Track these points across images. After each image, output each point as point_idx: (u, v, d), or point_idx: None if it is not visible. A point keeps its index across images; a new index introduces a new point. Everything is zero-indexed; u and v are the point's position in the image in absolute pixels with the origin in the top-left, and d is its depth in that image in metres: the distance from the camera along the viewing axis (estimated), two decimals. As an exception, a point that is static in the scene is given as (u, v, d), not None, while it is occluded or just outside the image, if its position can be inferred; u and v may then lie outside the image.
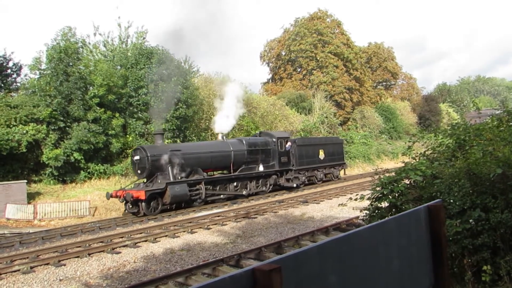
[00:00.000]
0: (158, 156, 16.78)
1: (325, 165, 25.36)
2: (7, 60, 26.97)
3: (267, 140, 21.93)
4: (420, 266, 3.33)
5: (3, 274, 8.81)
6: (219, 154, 19.27)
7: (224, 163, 19.66)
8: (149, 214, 15.74)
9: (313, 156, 24.35)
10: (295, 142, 23.12)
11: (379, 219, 6.04)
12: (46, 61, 22.67)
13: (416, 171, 6.07)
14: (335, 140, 27.84)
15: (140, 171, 16.95)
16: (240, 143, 20.53)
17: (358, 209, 12.72)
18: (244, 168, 20.22)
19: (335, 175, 26.46)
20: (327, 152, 25.46)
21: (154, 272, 8.46)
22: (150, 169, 16.54)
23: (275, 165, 21.73)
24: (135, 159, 17.03)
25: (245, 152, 20.28)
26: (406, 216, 3.25)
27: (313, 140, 26.01)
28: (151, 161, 16.50)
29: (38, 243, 12.01)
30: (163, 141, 18.34)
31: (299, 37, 44.90)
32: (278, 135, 22.52)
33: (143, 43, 29.57)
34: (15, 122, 20.07)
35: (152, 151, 16.92)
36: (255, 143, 21.17)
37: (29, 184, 19.77)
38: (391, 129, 47.83)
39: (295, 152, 22.87)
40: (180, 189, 16.61)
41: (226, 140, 20.96)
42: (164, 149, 17.40)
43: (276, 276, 1.92)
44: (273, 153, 21.80)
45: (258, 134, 23.36)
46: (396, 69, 58.59)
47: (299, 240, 10.27)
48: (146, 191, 15.59)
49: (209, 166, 19.14)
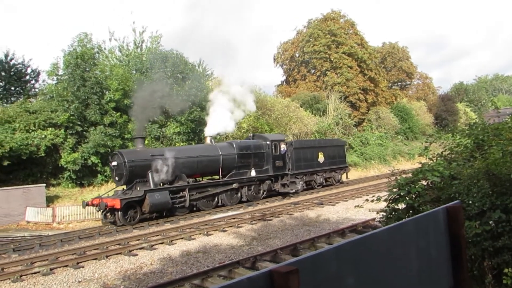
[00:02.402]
0: (137, 162, 15.64)
1: (325, 169, 23.78)
2: (25, 66, 27.66)
3: (260, 143, 20.55)
4: (439, 268, 3.28)
5: (23, 275, 8.99)
6: (206, 158, 18.03)
7: (212, 168, 18.39)
8: (126, 224, 14.63)
9: (312, 160, 22.83)
10: (292, 145, 21.84)
11: (396, 220, 5.96)
12: (64, 67, 23.14)
13: (434, 172, 5.98)
14: (336, 142, 26.35)
15: (118, 178, 15.82)
16: (230, 147, 19.30)
17: (375, 211, 12.62)
18: (235, 173, 18.95)
19: (337, 179, 24.84)
20: (327, 155, 23.95)
21: (170, 274, 8.52)
22: (128, 175, 15.38)
23: (269, 170, 20.37)
24: (112, 165, 15.97)
25: (235, 156, 18.97)
26: (424, 217, 3.21)
27: (311, 143, 24.62)
28: (129, 167, 15.34)
29: (57, 245, 12.21)
30: (144, 146, 17.13)
31: (312, 39, 44.77)
32: (272, 138, 21.17)
33: (158, 47, 29.89)
34: (34, 127, 20.51)
35: (130, 156, 15.69)
36: (246, 147, 19.82)
37: (48, 188, 20.15)
38: (407, 129, 47.30)
39: (291, 156, 21.50)
40: (161, 197, 15.47)
41: (214, 143, 19.80)
42: (144, 154, 16.22)
43: (294, 278, 1.91)
44: (267, 157, 20.43)
45: (251, 137, 21.99)
46: (411, 68, 57.96)
47: (314, 242, 10.22)
48: (122, 199, 14.49)
49: (195, 171, 17.86)
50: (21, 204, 17.51)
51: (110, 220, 15.21)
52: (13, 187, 18.20)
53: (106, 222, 15.35)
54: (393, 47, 56.96)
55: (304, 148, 22.67)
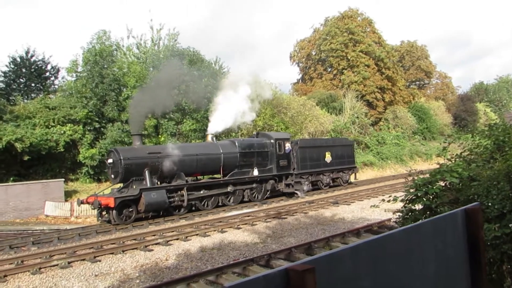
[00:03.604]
0: (133, 160, 15.15)
1: (332, 169, 23.06)
2: (45, 63, 28.18)
3: (264, 142, 19.91)
4: (456, 271, 3.24)
5: (42, 268, 9.19)
6: (206, 157, 17.44)
7: (212, 167, 17.78)
8: (121, 223, 14.24)
9: (318, 159, 22.11)
10: (297, 144, 21.16)
11: (412, 221, 5.90)
12: (82, 64, 23.52)
13: (452, 173, 5.89)
14: (344, 142, 25.42)
15: (114, 176, 15.38)
16: (232, 145, 18.76)
17: (390, 211, 12.48)
18: (237, 172, 18.39)
19: (344, 180, 24.10)
20: (335, 154, 23.20)
21: (185, 270, 8.60)
22: (124, 173, 14.91)
23: (272, 169, 19.79)
24: (108, 163, 15.54)
25: (237, 154, 18.42)
26: (442, 219, 3.17)
27: (318, 142, 23.90)
28: (124, 165, 14.85)
29: (75, 239, 12.44)
30: (141, 143, 16.61)
31: (329, 37, 44.51)
32: (277, 136, 20.58)
33: (175, 44, 30.11)
34: (53, 123, 20.91)
35: (126, 154, 15.18)
36: (249, 145, 19.21)
37: (66, 183, 20.53)
38: (425, 129, 46.68)
39: (296, 155, 20.85)
40: (158, 196, 15.01)
41: (215, 141, 19.23)
42: (141, 152, 15.73)
43: (310, 277, 1.91)
44: (271, 156, 19.83)
45: (255, 135, 21.52)
46: (430, 67, 57.14)
47: (329, 242, 10.19)
48: (116, 198, 14.13)
49: (194, 170, 17.30)
50: (40, 198, 17.88)
51: (105, 219, 14.94)
52: (33, 182, 18.60)
53: (102, 221, 15.04)
54: (411, 46, 56.21)
55: (310, 147, 22.06)
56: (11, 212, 17.24)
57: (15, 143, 18.28)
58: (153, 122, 23.92)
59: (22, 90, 27.01)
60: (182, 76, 24.25)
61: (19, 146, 18.38)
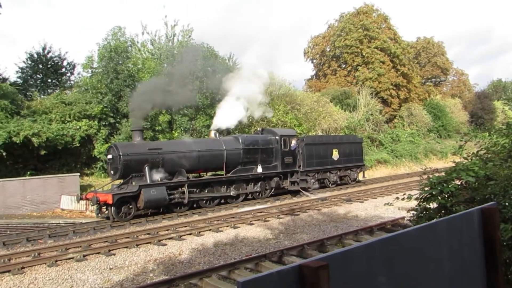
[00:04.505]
0: (132, 156, 14.92)
1: (340, 167, 22.66)
2: (62, 59, 28.54)
3: (269, 138, 19.60)
4: (472, 271, 3.20)
5: (58, 261, 9.36)
6: (208, 153, 17.14)
7: (215, 164, 17.50)
8: (119, 220, 14.05)
9: (325, 157, 21.73)
10: (303, 141, 20.80)
11: (427, 220, 5.84)
12: (98, 60, 23.76)
13: (468, 172, 5.80)
14: (353, 139, 24.86)
15: (113, 172, 15.22)
16: (235, 141, 18.42)
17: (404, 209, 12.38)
18: (240, 169, 18.11)
19: (352, 178, 23.75)
20: (342, 152, 22.77)
21: (198, 265, 8.67)
22: (123, 169, 14.71)
23: (277, 166, 19.48)
24: (107, 158, 15.39)
25: (241, 151, 18.13)
26: (457, 218, 3.13)
27: (324, 139, 23.25)
28: (124, 161, 14.64)
29: (90, 233, 12.63)
30: (141, 139, 16.27)
31: (344, 33, 44.17)
32: (282, 133, 20.25)
33: (189, 40, 30.19)
34: (69, 118, 21.20)
35: (125, 149, 14.94)
36: (253, 142, 18.89)
37: (81, 177, 20.82)
38: (440, 127, 46.07)
39: (302, 152, 20.48)
40: (157, 193, 14.76)
41: (218, 137, 18.85)
42: (141, 148, 15.44)
43: (324, 273, 1.91)
44: (276, 153, 19.53)
45: (260, 131, 21.02)
46: (446, 64, 56.32)
47: (342, 239, 10.15)
48: (114, 194, 13.92)
49: (196, 166, 17.00)
50: (56, 192, 18.16)
51: (104, 215, 14.84)
52: (49, 176, 18.90)
53: (102, 217, 14.90)
54: (428, 42, 55.46)
55: (317, 144, 21.62)
56: (28, 206, 17.57)
57: (32, 138, 18.59)
58: (167, 118, 24.07)
59: (39, 86, 27.42)
60: (196, 72, 24.35)
61: (36, 141, 18.69)
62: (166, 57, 28.23)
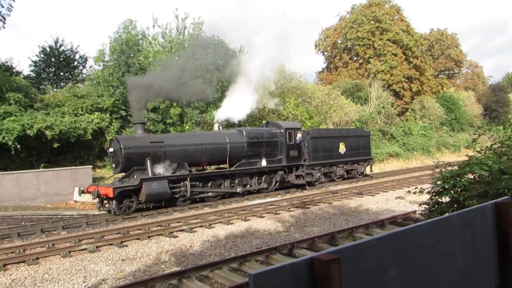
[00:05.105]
0: (133, 149, 14.78)
1: (346, 160, 22.29)
2: (74, 53, 28.78)
3: (273, 131, 19.30)
4: (485, 266, 3.18)
5: (72, 251, 9.51)
6: (211, 146, 16.91)
7: (218, 157, 17.28)
8: (121, 213, 13.94)
9: (331, 150, 21.38)
10: (309, 134, 20.43)
11: (439, 214, 5.81)
12: (109, 53, 23.89)
13: (482, 166, 5.75)
14: (360, 132, 24.44)
15: (115, 165, 15.13)
16: (239, 134, 18.17)
17: (416, 203, 12.30)
18: (244, 162, 17.87)
19: (359, 172, 23.36)
20: (349, 145, 22.38)
21: (209, 257, 8.74)
22: (124, 162, 14.60)
23: (282, 160, 19.22)
24: (109, 151, 15.24)
25: (244, 144, 17.87)
26: (471, 212, 3.10)
27: (331, 132, 22.85)
28: (125, 154, 14.52)
29: (103, 224, 12.79)
30: (143, 132, 16.03)
31: (356, 25, 43.73)
32: (287, 126, 19.83)
33: (200, 33, 30.16)
34: (81, 111, 21.41)
35: (127, 143, 14.82)
36: (257, 135, 18.60)
37: (94, 169, 21.06)
38: (453, 120, 45.52)
39: (308, 145, 20.17)
40: (159, 186, 14.64)
41: (222, 130, 18.64)
42: (143, 141, 15.29)
43: (335, 267, 1.92)
44: (281, 146, 19.22)
45: (265, 124, 20.71)
46: (460, 56, 55.48)
47: (353, 232, 10.13)
48: (115, 188, 13.84)
49: (199, 160, 16.83)
50: (69, 184, 18.41)
51: (106, 209, 14.79)
52: (63, 168, 19.16)
53: (105, 210, 14.86)
54: (441, 34, 54.65)
55: (323, 137, 21.26)
56: (42, 197, 17.85)
57: (46, 130, 18.83)
58: (178, 111, 24.17)
59: (52, 79, 27.71)
60: (206, 65, 24.34)
61: (49, 133, 18.94)
62: (176, 50, 28.27)
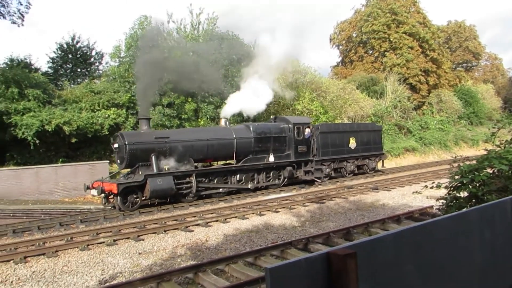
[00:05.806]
0: (138, 145, 14.67)
1: (357, 156, 21.77)
2: (90, 49, 29.13)
3: (282, 127, 18.93)
4: (504, 262, 3.12)
5: (90, 245, 9.69)
6: (217, 142, 16.67)
7: (224, 153, 17.04)
8: (125, 209, 13.83)
9: (341, 145, 20.89)
10: (318, 129, 20.00)
11: (457, 209, 5.72)
12: (125, 49, 24.11)
13: (502, 160, 5.63)
14: (371, 127, 23.67)
15: (120, 161, 15.07)
16: (246, 130, 17.91)
17: (433, 198, 12.16)
18: (251, 158, 17.66)
19: (371, 167, 22.72)
20: (360, 140, 21.82)
21: (225, 251, 8.80)
22: (129, 158, 14.52)
23: (290, 155, 18.87)
24: (114, 147, 15.15)
25: (251, 140, 17.61)
26: (490, 207, 3.05)
27: (341, 127, 22.10)
28: (129, 150, 14.41)
29: (120, 218, 12.98)
30: (148, 127, 15.86)
31: (371, 18, 43.15)
32: (295, 121, 19.47)
33: (214, 29, 30.18)
34: (98, 107, 21.69)
35: (131, 138, 14.70)
36: (265, 130, 18.29)
37: (111, 164, 21.32)
38: (471, 114, 44.70)
39: (317, 140, 19.74)
40: (164, 182, 14.49)
41: (229, 126, 18.46)
42: (148, 136, 15.17)
43: (351, 261, 1.91)
44: (289, 142, 18.89)
45: (273, 119, 20.33)
46: (478, 49, 54.35)
47: (368, 227, 10.07)
48: (119, 184, 13.73)
49: (205, 156, 16.61)
50: (87, 179, 18.64)
51: (112, 205, 14.73)
52: (80, 163, 19.47)
53: (111, 206, 14.81)
54: (459, 26, 53.60)
55: (332, 132, 20.74)
56: (60, 192, 18.18)
57: (63, 126, 19.17)
58: (193, 106, 24.28)
59: (69, 75, 28.12)
60: (221, 60, 24.36)
61: (67, 129, 19.27)
62: (191, 45, 28.34)
